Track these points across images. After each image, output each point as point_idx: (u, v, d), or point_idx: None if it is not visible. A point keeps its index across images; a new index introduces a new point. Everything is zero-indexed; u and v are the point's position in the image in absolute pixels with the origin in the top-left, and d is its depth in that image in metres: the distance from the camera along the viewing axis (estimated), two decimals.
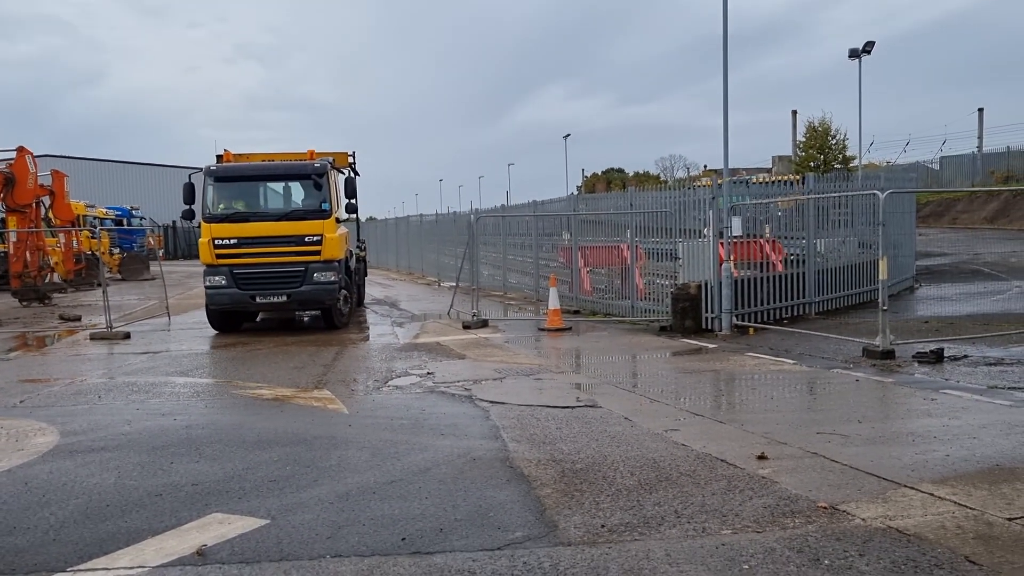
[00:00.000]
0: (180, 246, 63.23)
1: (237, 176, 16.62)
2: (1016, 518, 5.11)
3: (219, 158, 17.77)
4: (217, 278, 15.76)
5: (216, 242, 15.82)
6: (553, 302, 16.11)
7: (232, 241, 15.76)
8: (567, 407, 8.73)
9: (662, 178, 74.31)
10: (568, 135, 70.02)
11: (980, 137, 54.82)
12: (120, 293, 23.27)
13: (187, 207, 16.65)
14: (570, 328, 15.71)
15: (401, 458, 6.90)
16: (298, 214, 16.26)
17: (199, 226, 16.35)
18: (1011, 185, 38.40)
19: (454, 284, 22.21)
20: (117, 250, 39.53)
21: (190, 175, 16.88)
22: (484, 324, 16.40)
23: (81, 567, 4.76)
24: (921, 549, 4.71)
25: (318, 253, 16.00)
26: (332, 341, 15.17)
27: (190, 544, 5.02)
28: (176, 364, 12.60)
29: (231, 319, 16.80)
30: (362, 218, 23.96)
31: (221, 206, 16.22)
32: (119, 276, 34.52)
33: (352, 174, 19.74)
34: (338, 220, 16.95)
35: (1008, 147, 42.87)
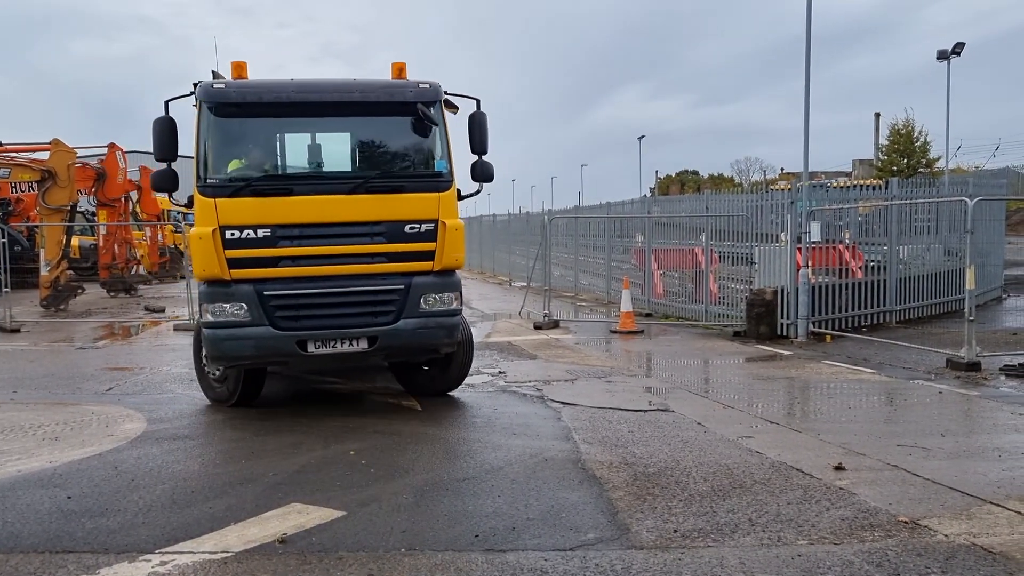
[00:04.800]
0: None
1: (267, 104, 8.41)
2: None
3: (215, 75, 9.43)
4: (229, 307, 8.09)
5: (228, 236, 8.03)
6: (626, 304, 16.03)
7: (263, 233, 8.07)
8: (639, 410, 8.69)
9: (737, 180, 73.24)
10: (643, 136, 69.62)
11: None
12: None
13: (162, 170, 8.52)
14: (642, 331, 15.62)
15: (474, 456, 6.97)
16: (392, 182, 8.53)
17: (188, 204, 8.63)
18: None
19: (525, 284, 22.28)
20: None
21: (166, 103, 8.46)
22: (555, 325, 16.41)
23: (168, 549, 4.95)
24: (1008, 568, 4.57)
25: (430, 256, 8.54)
26: None
27: (271, 532, 5.18)
28: None
29: (250, 384, 9.02)
30: None
31: (234, 164, 8.40)
32: None
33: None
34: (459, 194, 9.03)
35: None
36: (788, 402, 9.51)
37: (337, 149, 9.22)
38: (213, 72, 9.61)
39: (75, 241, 27.60)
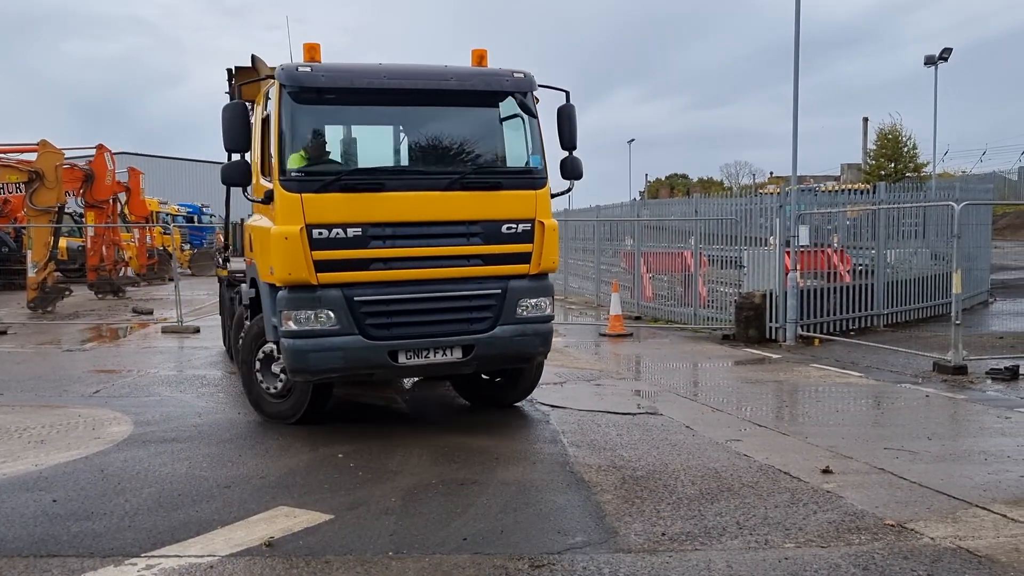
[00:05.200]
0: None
1: (356, 91, 7.71)
2: None
3: (254, 60, 9.12)
4: (315, 314, 7.36)
5: (315, 235, 7.27)
6: (615, 308, 16.05)
7: (353, 233, 7.37)
8: (628, 413, 8.70)
9: (726, 184, 73.43)
10: (632, 140, 69.66)
11: None
12: (190, 288, 23.90)
13: (233, 162, 7.87)
14: (631, 334, 15.64)
15: (463, 458, 6.96)
16: (489, 178, 7.92)
17: (265, 200, 7.65)
18: None
19: None
20: (188, 246, 40.60)
21: (239, 86, 8.52)
22: None
23: (154, 553, 4.92)
24: (993, 572, 4.59)
25: (527, 259, 7.97)
26: None
27: (258, 535, 5.16)
28: None
29: (319, 398, 8.26)
30: None
31: (295, 157, 7.50)
32: (189, 272, 35.46)
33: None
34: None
35: None
36: (776, 405, 9.54)
37: (426, 141, 8.30)
38: (253, 57, 9.15)
39: (63, 243, 27.43)
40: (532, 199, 7.93)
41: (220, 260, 13.59)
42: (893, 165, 49.61)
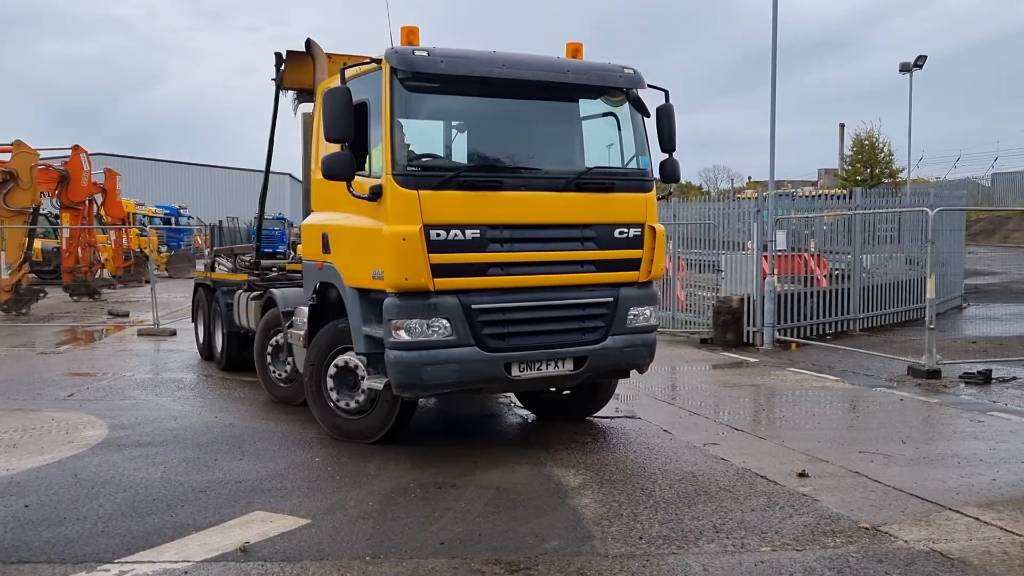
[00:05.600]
0: (226, 244, 64.11)
1: (473, 80, 7.04)
2: None
3: (279, 57, 9.21)
4: (429, 324, 6.73)
5: (433, 236, 6.67)
6: None
7: (471, 234, 6.81)
8: (606, 417, 8.71)
9: (704, 189, 73.84)
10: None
11: None
12: (167, 290, 23.67)
13: (337, 153, 6.83)
14: None
15: (440, 462, 6.95)
16: (605, 179, 7.46)
17: (372, 196, 6.82)
18: None
19: None
20: (165, 248, 40.28)
21: (343, 69, 6.98)
22: None
23: (128, 559, 4.87)
24: (965, 574, 4.64)
25: (637, 265, 7.54)
26: None
27: (233, 540, 5.12)
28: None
29: (406, 412, 7.55)
30: None
31: (433, 151, 7.54)
32: (166, 274, 35.18)
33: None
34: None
35: None
36: (754, 409, 9.60)
37: (538, 137, 7.64)
38: (309, 41, 9.05)
39: (37, 244, 27.07)
40: (643, 202, 7.54)
41: (212, 263, 13.15)
42: (869, 170, 50.07)
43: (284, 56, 9.55)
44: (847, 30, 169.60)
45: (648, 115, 7.64)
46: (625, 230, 7.42)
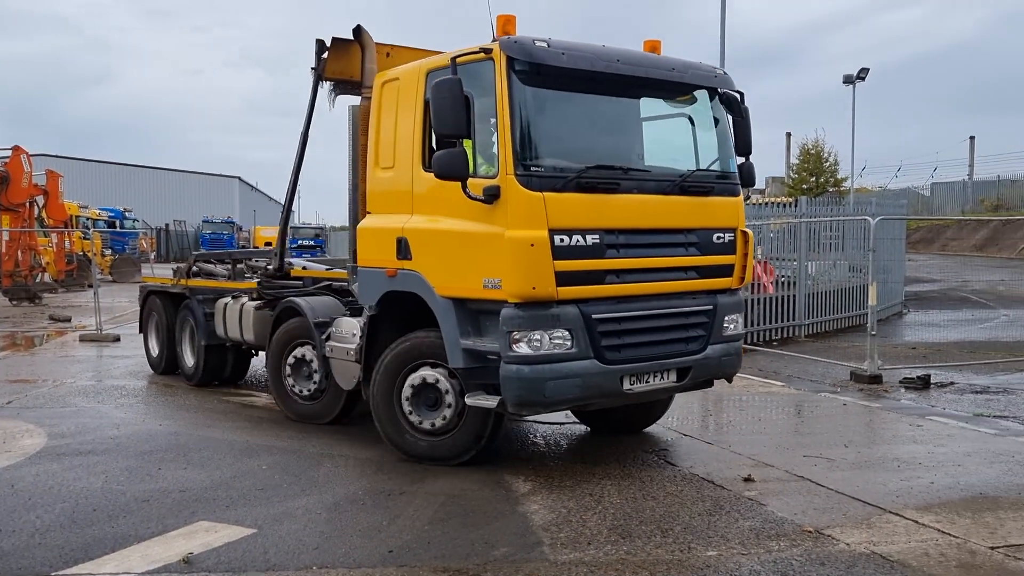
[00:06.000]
0: (173, 249, 63.08)
1: (591, 75, 6.66)
2: (998, 547, 5.16)
3: (322, 44, 8.50)
4: (553, 335, 6.32)
5: (558, 242, 6.27)
6: None
7: (591, 240, 6.46)
8: (556, 423, 8.74)
9: None
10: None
11: (971, 165, 55.18)
12: (111, 295, 23.18)
13: (451, 151, 6.27)
14: None
15: (390, 470, 6.91)
16: (703, 183, 7.20)
17: (487, 198, 6.28)
18: (1001, 214, 38.79)
19: None
20: (109, 251, 39.46)
21: (454, 58, 6.42)
22: None
23: (66, 572, 4.76)
24: (904, 575, 4.75)
25: (730, 271, 7.39)
26: None
27: (176, 551, 5.02)
28: None
29: (495, 431, 7.09)
30: (336, 224, 21.51)
31: (550, 149, 6.60)
32: (110, 278, 34.44)
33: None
34: None
35: (998, 176, 43.40)
36: (702, 414, 9.72)
37: (645, 137, 7.29)
38: (359, 28, 8.20)
39: None
40: (736, 206, 7.36)
41: (188, 268, 11.33)
42: (815, 179, 51.08)
43: (327, 44, 8.47)
44: (793, 43, 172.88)
45: (742, 117, 7.40)
46: (722, 235, 7.21)
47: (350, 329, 7.73)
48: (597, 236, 6.41)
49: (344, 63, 8.39)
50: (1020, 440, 7.97)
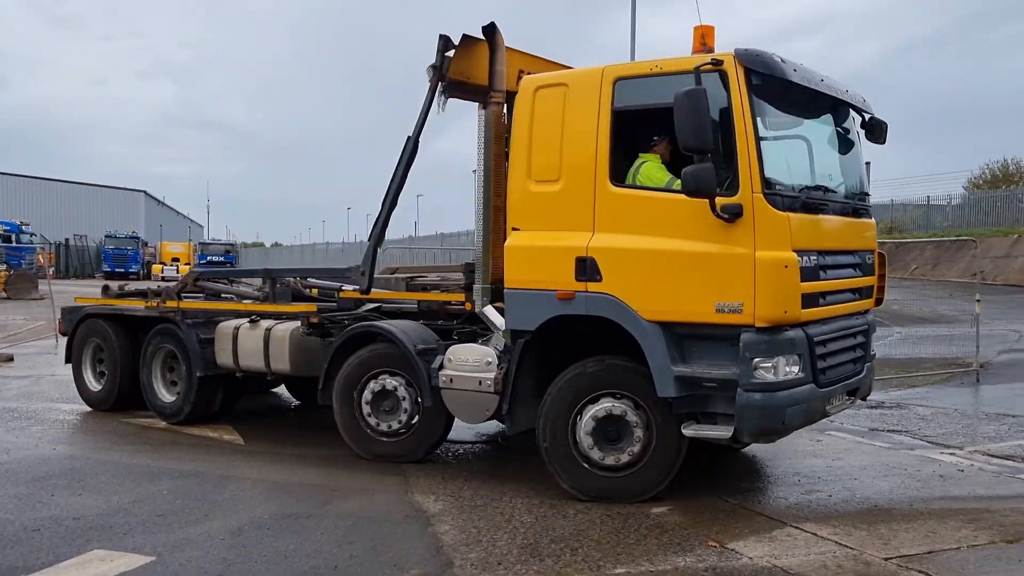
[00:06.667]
0: (72, 264, 60.67)
1: (811, 95, 6.62)
2: (891, 558, 5.36)
3: (448, 42, 7.57)
4: (789, 360, 6.12)
5: (805, 262, 6.19)
6: None
7: (815, 261, 6.39)
8: (467, 442, 8.73)
9: None
10: (476, 169, 70.67)
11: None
12: (5, 312, 22.19)
13: (703, 166, 5.88)
14: None
15: (299, 493, 6.77)
16: (867, 204, 7.50)
17: (730, 216, 6.02)
18: (894, 236, 40.61)
19: None
20: (4, 267, 37.72)
21: (697, 68, 6.00)
22: None
23: None
24: None
25: (872, 292, 7.45)
26: None
27: None
28: (61, 389, 11.99)
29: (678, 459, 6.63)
30: (267, 243, 22.14)
31: (653, 163, 6.68)
32: (5, 295, 32.89)
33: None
34: None
35: (892, 200, 45.31)
36: None
37: (833, 160, 7.28)
38: (493, 26, 7.49)
39: None
40: (875, 228, 7.58)
41: (180, 289, 9.78)
42: None
43: (456, 41, 7.57)
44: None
45: (884, 142, 7.48)
46: (871, 256, 7.32)
47: (477, 356, 7.06)
48: (816, 257, 6.33)
49: (467, 63, 7.56)
50: (912, 453, 8.33)
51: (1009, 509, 6.40)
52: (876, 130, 7.38)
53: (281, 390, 11.66)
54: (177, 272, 55.65)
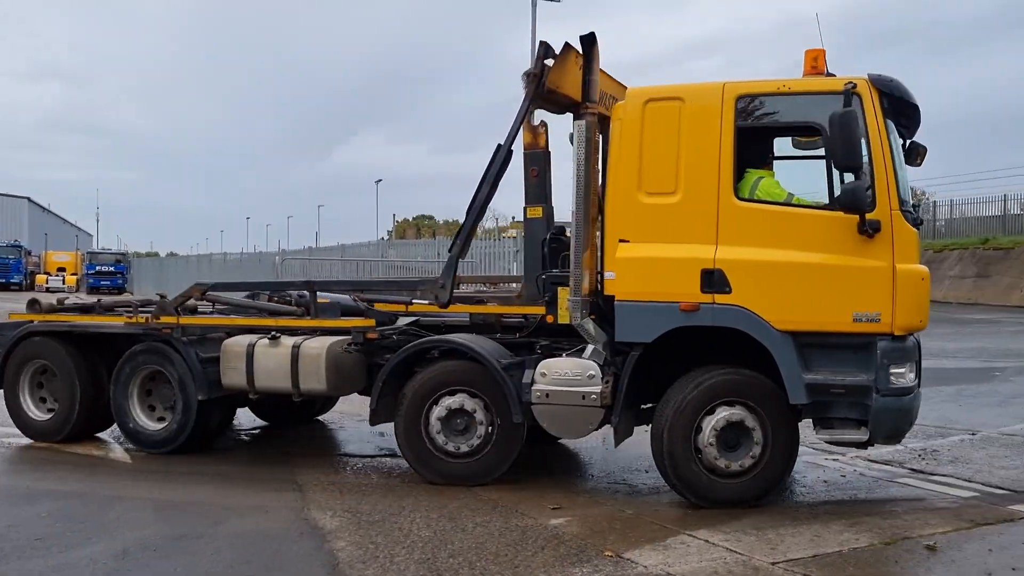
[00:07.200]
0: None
1: (913, 115, 7.08)
2: (778, 562, 5.56)
3: (592, 39, 7.39)
4: (911, 366, 6.62)
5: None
6: None
7: None
8: (366, 456, 8.63)
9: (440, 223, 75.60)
10: (380, 180, 70.36)
11: None
12: None
13: (860, 183, 6.35)
14: None
15: (192, 511, 6.56)
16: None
17: (870, 231, 6.34)
18: None
19: None
20: None
21: (848, 89, 6.22)
22: None
23: None
24: None
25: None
26: None
27: None
28: None
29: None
30: (162, 253, 21.47)
31: (768, 178, 6.99)
32: None
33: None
34: None
35: None
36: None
37: (903, 177, 7.30)
38: (593, 36, 7.30)
39: None
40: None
41: (180, 303, 8.56)
42: None
43: (556, 50, 7.40)
44: (639, 71, 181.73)
45: (920, 165, 7.69)
46: None
47: (576, 370, 6.97)
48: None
49: (561, 73, 7.45)
50: (801, 460, 8.64)
51: (887, 512, 6.73)
52: (914, 153, 7.49)
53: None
54: (63, 283, 53.22)
